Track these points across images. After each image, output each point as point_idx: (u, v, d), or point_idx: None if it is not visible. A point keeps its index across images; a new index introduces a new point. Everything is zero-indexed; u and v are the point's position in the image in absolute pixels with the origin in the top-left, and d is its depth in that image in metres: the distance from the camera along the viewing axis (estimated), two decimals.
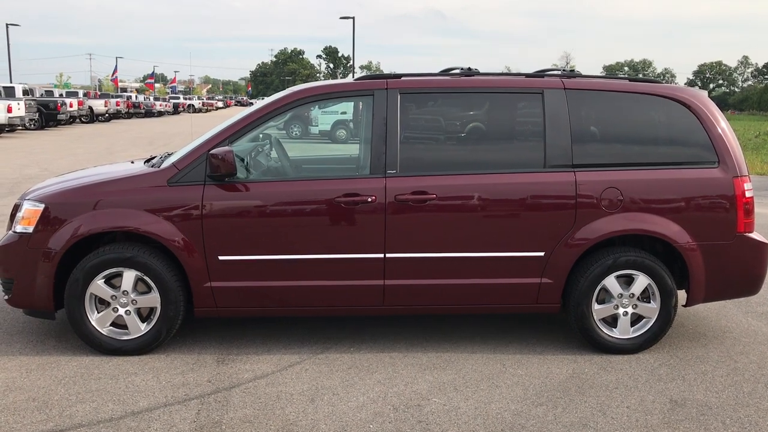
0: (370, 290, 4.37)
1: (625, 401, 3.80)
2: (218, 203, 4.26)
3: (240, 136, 4.42)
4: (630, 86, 4.61)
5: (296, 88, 4.71)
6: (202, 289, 4.31)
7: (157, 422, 3.48)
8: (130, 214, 4.24)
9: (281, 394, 3.83)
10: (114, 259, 4.23)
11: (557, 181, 4.36)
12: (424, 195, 4.28)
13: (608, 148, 4.50)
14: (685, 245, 4.38)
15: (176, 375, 4.07)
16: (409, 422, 3.52)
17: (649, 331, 4.48)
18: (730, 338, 4.84)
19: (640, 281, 4.42)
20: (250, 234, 4.28)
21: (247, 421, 3.50)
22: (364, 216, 4.28)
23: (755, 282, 4.61)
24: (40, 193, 4.50)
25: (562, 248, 4.36)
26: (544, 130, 4.41)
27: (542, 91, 4.47)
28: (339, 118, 22.38)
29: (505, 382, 4.05)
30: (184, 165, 4.33)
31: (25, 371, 4.09)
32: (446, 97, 4.66)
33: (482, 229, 4.34)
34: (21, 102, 26.02)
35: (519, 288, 4.42)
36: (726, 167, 4.44)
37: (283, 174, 5.05)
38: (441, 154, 4.67)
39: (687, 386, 4.01)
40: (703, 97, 4.63)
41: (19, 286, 4.34)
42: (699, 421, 3.58)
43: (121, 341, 4.34)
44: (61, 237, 4.24)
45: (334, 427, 3.46)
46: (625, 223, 4.36)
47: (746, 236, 4.46)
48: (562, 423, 3.54)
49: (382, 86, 4.44)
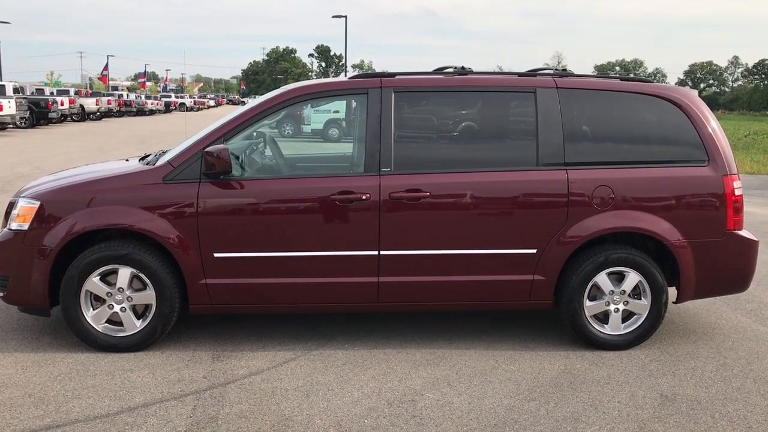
0: (364, 287, 4.40)
1: (616, 396, 3.85)
2: (213, 201, 4.28)
3: (235, 134, 4.45)
4: (621, 85, 4.66)
5: (291, 86, 4.74)
6: (197, 286, 4.34)
7: (154, 417, 3.50)
8: (126, 212, 4.26)
9: (276, 390, 3.86)
10: (109, 256, 4.25)
11: (549, 179, 4.40)
12: (418, 193, 4.32)
13: (600, 147, 4.55)
14: (675, 243, 4.44)
15: (172, 371, 4.09)
16: (403, 417, 3.56)
17: (640, 327, 4.53)
18: (719, 335, 4.90)
19: (631, 278, 4.48)
20: (245, 231, 4.31)
21: (242, 417, 3.53)
22: (359, 213, 4.31)
23: (744, 279, 4.67)
24: (35, 191, 4.51)
25: (555, 245, 4.41)
26: (537, 129, 4.45)
27: (535, 90, 4.52)
28: (331, 116, 22.39)
29: (498, 377, 4.09)
30: (180, 162, 4.35)
31: (20, 368, 4.11)
32: (440, 96, 4.70)
33: (475, 226, 4.38)
34: (12, 100, 25.92)
35: (512, 285, 4.46)
36: (716, 166, 4.49)
37: (277, 172, 5.08)
38: (435, 152, 4.70)
39: (677, 381, 4.06)
40: (693, 97, 4.68)
41: (15, 283, 4.35)
42: (689, 415, 3.63)
43: (116, 338, 4.35)
44: (56, 234, 4.25)
45: (329, 421, 3.50)
46: (617, 221, 4.41)
47: (735, 234, 4.53)
48: (554, 417, 3.58)
49: (376, 85, 4.47)
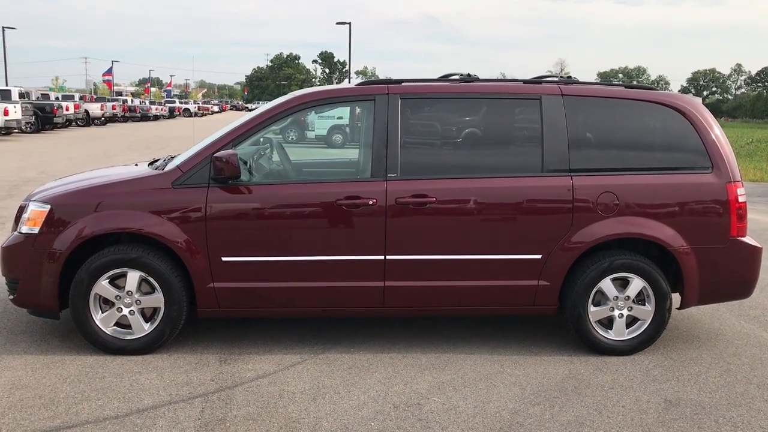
0: (370, 291, 4.44)
1: (620, 401, 3.88)
2: (222, 205, 4.33)
3: (243, 140, 4.50)
4: (626, 93, 4.70)
5: (299, 92, 4.79)
6: (205, 289, 4.38)
7: (163, 419, 3.54)
8: (135, 216, 4.30)
9: (283, 393, 3.89)
10: (118, 259, 4.30)
11: (554, 186, 4.44)
12: (424, 198, 4.36)
13: (604, 154, 4.59)
14: (679, 249, 4.47)
15: (180, 374, 4.13)
16: (409, 420, 3.59)
17: (644, 333, 4.56)
18: (723, 341, 4.93)
19: (635, 284, 4.51)
20: (253, 235, 4.35)
21: (250, 419, 3.57)
22: (365, 218, 4.35)
23: (747, 285, 4.70)
24: (45, 195, 4.56)
25: (559, 251, 4.44)
26: (542, 135, 4.49)
27: (540, 97, 4.56)
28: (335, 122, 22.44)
29: (503, 381, 4.12)
30: (189, 167, 4.40)
31: (30, 370, 4.15)
32: (446, 103, 4.74)
33: (481, 231, 4.42)
34: (17, 105, 26.06)
35: (517, 290, 4.49)
36: (719, 173, 4.53)
37: (285, 177, 5.12)
38: (441, 158, 4.74)
39: (681, 387, 4.09)
40: (697, 104, 4.72)
41: (24, 286, 4.40)
42: (692, 420, 3.66)
43: (125, 341, 4.39)
44: (66, 238, 4.30)
45: (336, 424, 3.53)
46: (621, 227, 4.45)
47: (739, 240, 4.56)
48: (559, 422, 3.61)
49: (383, 91, 4.52)
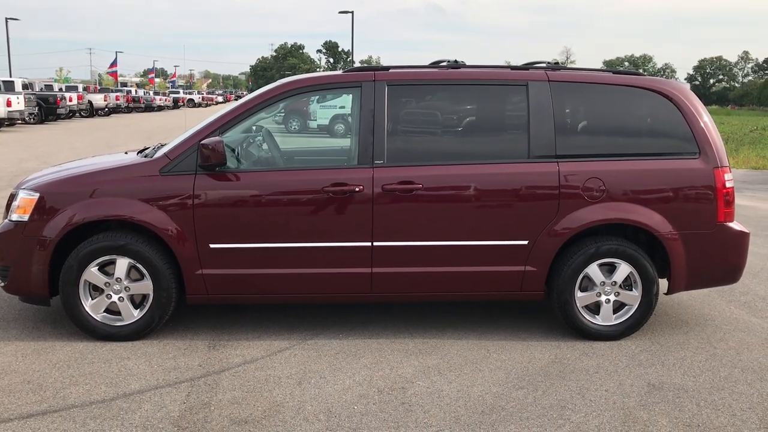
0: (358, 278, 4.47)
1: (603, 385, 3.90)
2: (209, 192, 4.35)
3: (230, 127, 4.52)
4: (613, 78, 4.69)
5: (287, 79, 4.80)
6: (194, 276, 4.42)
7: (148, 403, 3.58)
8: (124, 203, 4.34)
9: (269, 378, 3.93)
10: (107, 246, 4.33)
11: (541, 172, 4.45)
12: (411, 185, 4.37)
13: (591, 139, 4.59)
14: (666, 234, 4.48)
15: (168, 359, 4.17)
16: (392, 403, 3.63)
17: (631, 318, 4.58)
18: (711, 326, 4.94)
19: (622, 269, 4.52)
20: (241, 222, 4.38)
21: (235, 403, 3.61)
22: (352, 205, 4.37)
23: (735, 271, 4.70)
24: (35, 183, 4.60)
25: (546, 237, 4.45)
26: (528, 122, 4.50)
27: (527, 83, 4.56)
28: (337, 112, 22.37)
29: (488, 366, 4.15)
30: (176, 155, 4.43)
31: (20, 355, 4.20)
32: (433, 89, 4.75)
33: (467, 218, 4.43)
34: (20, 96, 26.14)
35: (504, 276, 4.51)
36: (707, 158, 4.52)
37: (273, 164, 5.15)
38: (427, 145, 4.75)
39: (665, 371, 4.11)
40: (685, 90, 4.71)
41: (15, 273, 4.44)
42: (674, 403, 3.68)
43: (114, 327, 4.44)
44: (55, 225, 4.34)
45: (319, 407, 3.57)
46: (607, 213, 4.45)
47: (726, 226, 4.56)
48: (541, 405, 3.64)
49: (369, 78, 4.53)
